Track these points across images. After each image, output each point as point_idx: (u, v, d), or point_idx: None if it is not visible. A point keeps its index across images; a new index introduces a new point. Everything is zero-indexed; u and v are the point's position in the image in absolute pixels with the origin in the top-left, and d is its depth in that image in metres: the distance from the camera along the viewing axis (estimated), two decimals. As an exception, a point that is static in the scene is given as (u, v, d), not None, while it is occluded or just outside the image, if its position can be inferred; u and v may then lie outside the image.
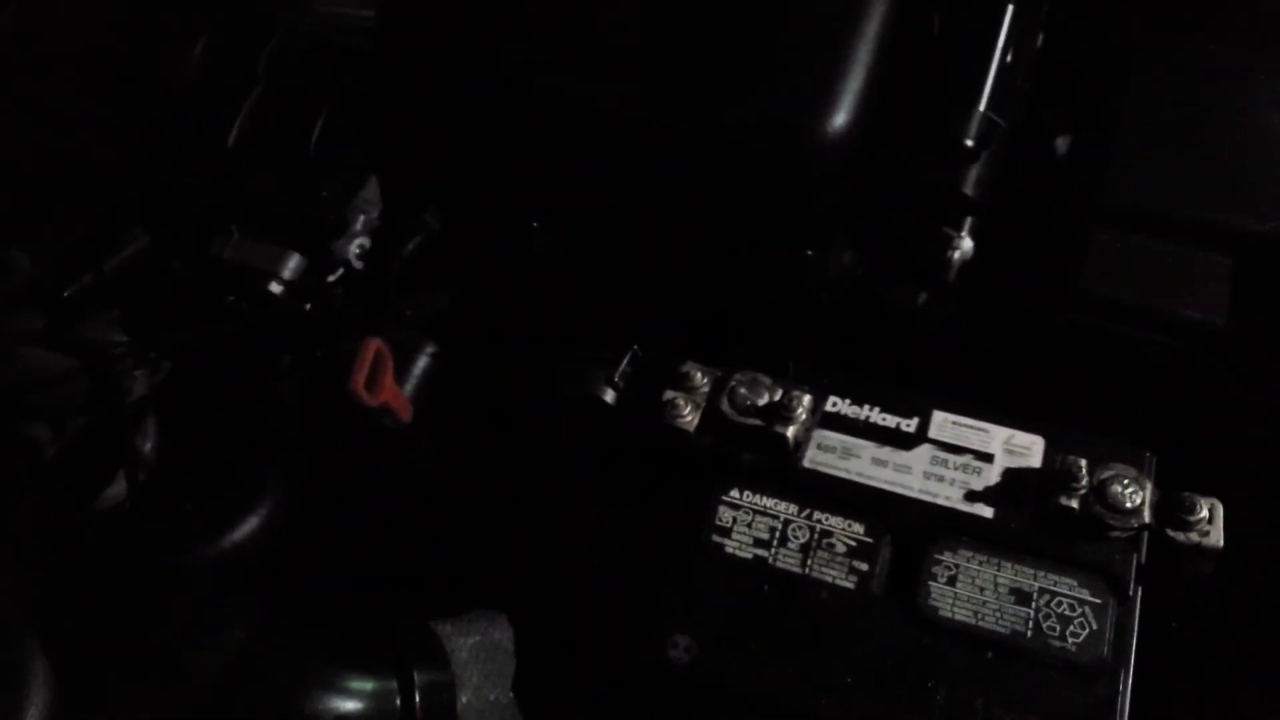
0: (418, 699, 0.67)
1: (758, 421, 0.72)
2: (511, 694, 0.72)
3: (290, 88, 0.87)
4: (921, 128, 0.73)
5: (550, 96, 0.78)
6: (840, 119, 0.72)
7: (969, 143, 0.71)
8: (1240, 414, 0.72)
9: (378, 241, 0.90)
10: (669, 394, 0.74)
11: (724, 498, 0.71)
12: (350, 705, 0.65)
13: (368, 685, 0.67)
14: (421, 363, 0.91)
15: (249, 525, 0.82)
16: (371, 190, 0.91)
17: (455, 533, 0.83)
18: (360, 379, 0.75)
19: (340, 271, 0.90)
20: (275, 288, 0.87)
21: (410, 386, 0.89)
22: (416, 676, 0.67)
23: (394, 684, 0.67)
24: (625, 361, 0.78)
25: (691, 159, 0.76)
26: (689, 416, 0.73)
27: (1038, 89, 0.84)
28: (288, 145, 0.86)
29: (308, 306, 0.88)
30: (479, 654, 0.73)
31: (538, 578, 0.78)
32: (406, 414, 0.83)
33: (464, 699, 0.69)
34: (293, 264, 0.88)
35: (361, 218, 0.91)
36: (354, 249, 0.90)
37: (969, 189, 0.71)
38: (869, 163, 0.75)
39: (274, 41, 0.87)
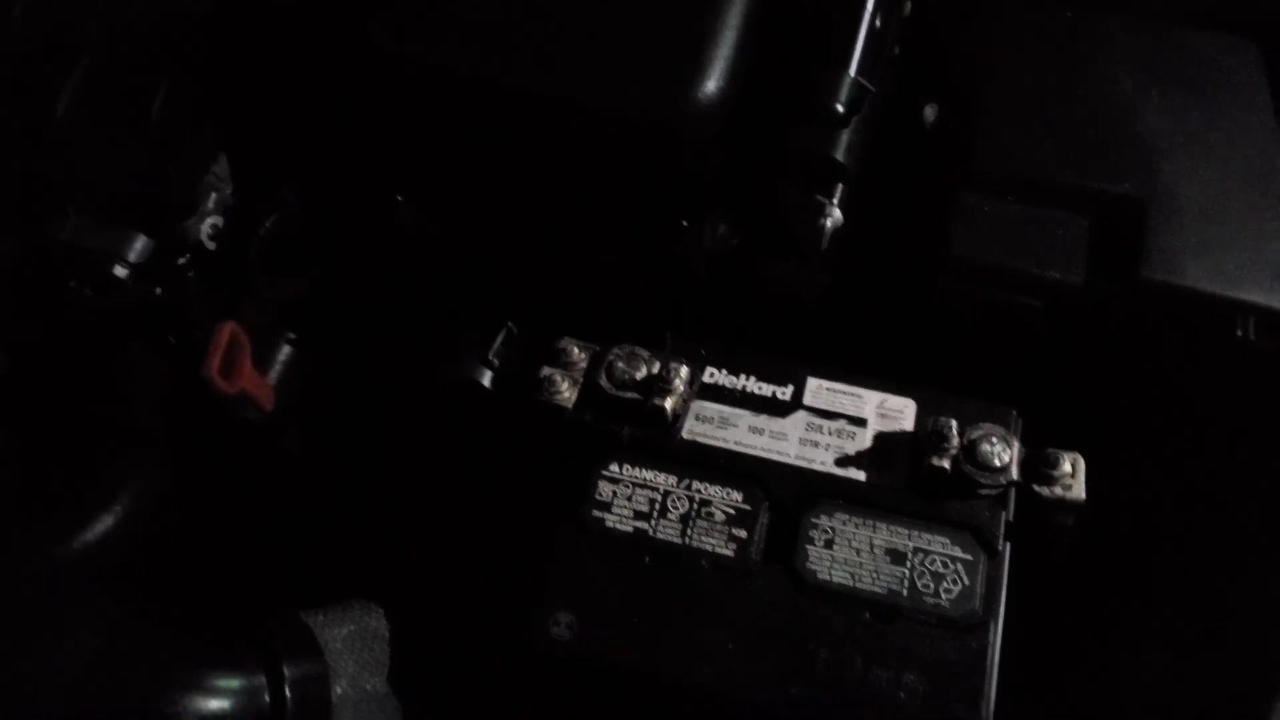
0: (288, 694, 0.66)
1: (636, 395, 0.74)
2: (389, 683, 0.73)
3: (127, 54, 0.84)
4: (792, 94, 0.75)
5: (414, 64, 0.77)
6: (711, 85, 0.74)
7: (839, 108, 0.74)
8: (1099, 370, 0.76)
9: (231, 220, 0.88)
10: (545, 370, 0.75)
11: (604, 472, 0.73)
12: (215, 704, 0.64)
13: (234, 683, 0.66)
14: (283, 348, 0.89)
15: (104, 524, 0.80)
16: (223, 165, 0.89)
17: (328, 521, 0.83)
18: (215, 365, 0.74)
19: (191, 253, 0.87)
20: (120, 271, 0.84)
21: (272, 373, 0.87)
22: (286, 670, 0.67)
23: (262, 679, 0.66)
24: (499, 340, 0.79)
25: (560, 128, 0.77)
26: (566, 393, 0.74)
27: (906, 56, 0.87)
28: (127, 117, 0.83)
29: (158, 291, 0.85)
30: (354, 643, 0.72)
31: (415, 562, 0.78)
32: (268, 402, 0.81)
33: (339, 690, 0.69)
34: (139, 246, 0.85)
35: (213, 195, 0.88)
36: (206, 229, 0.88)
37: (840, 155, 0.74)
38: (742, 130, 0.77)
39: (103, 1, 0.84)
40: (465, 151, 0.82)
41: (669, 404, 0.73)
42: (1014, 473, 0.71)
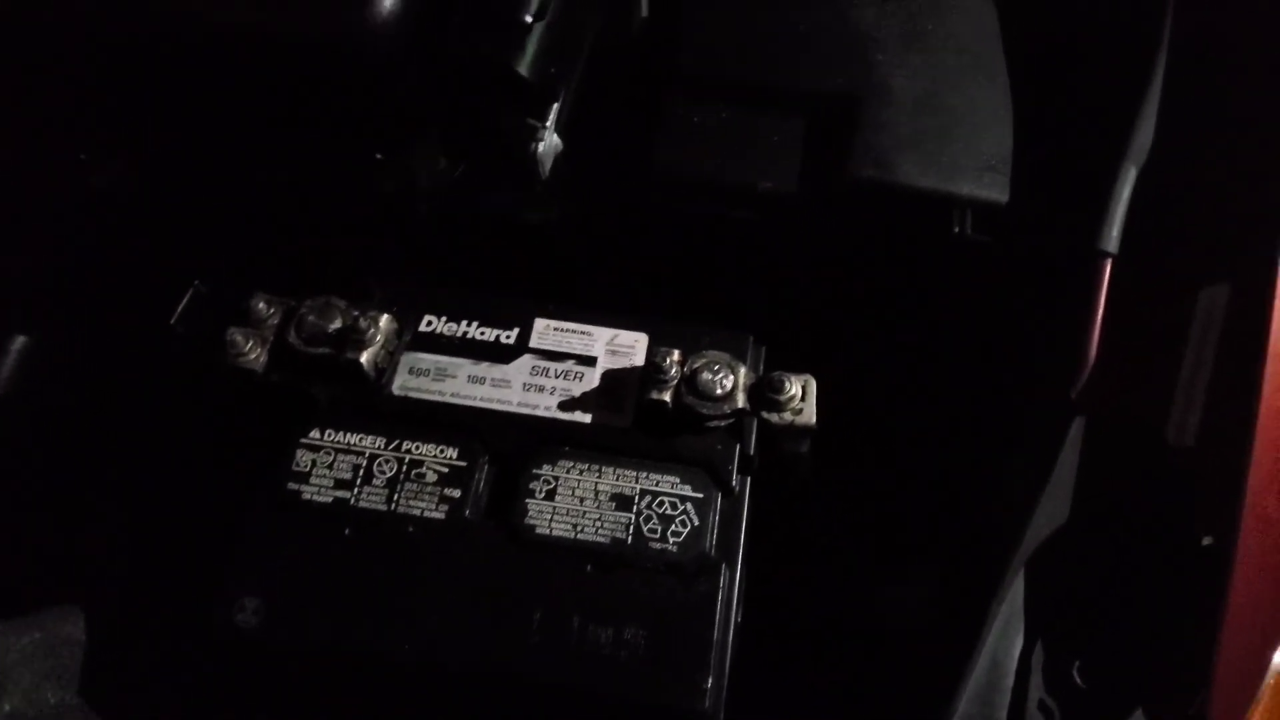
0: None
1: (328, 350, 0.68)
2: (80, 693, 0.66)
3: None
4: (475, 4, 0.69)
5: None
6: (387, 2, 0.68)
7: (527, 18, 0.68)
8: (820, 280, 0.73)
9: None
10: (230, 331, 0.69)
11: (302, 439, 0.67)
12: None
13: None
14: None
15: None
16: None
17: (21, 518, 0.76)
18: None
19: None
20: None
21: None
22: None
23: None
24: (185, 300, 0.72)
25: (234, 55, 0.70)
26: (253, 354, 0.68)
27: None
28: None
29: None
30: (36, 653, 0.66)
31: (112, 554, 0.72)
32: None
33: (7, 707, 0.63)
34: None
35: None
36: None
37: (525, 69, 0.68)
38: (435, 51, 0.71)
39: None
40: (142, 95, 0.75)
41: (365, 357, 0.68)
42: (740, 400, 0.67)
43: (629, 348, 0.72)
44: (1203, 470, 0.59)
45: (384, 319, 0.69)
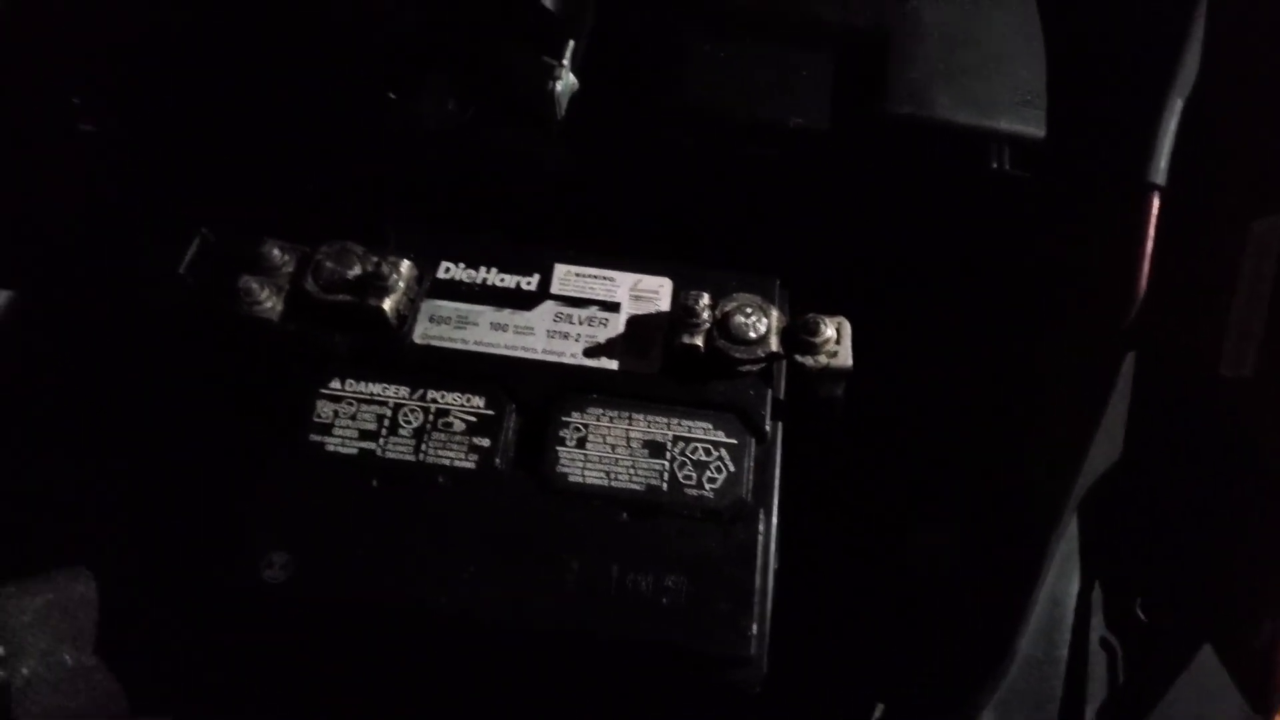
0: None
1: (348, 297, 0.67)
2: (97, 653, 0.65)
3: None
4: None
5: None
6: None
7: (546, -52, 0.67)
8: (852, 223, 0.72)
9: None
10: (243, 279, 0.67)
11: (323, 390, 0.66)
12: None
13: None
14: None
15: None
16: None
17: (21, 478, 0.73)
18: None
19: None
20: None
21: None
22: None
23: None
24: (193, 248, 0.70)
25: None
26: (269, 302, 0.67)
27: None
28: None
29: None
30: (50, 615, 0.64)
31: (127, 512, 0.70)
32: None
33: (25, 671, 0.61)
34: None
35: None
36: None
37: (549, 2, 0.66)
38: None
39: None
40: (141, 29, 0.72)
41: (388, 304, 0.66)
42: (773, 344, 0.66)
43: (653, 293, 0.71)
44: (1260, 400, 0.59)
45: (405, 264, 0.67)
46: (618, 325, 0.69)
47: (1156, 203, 0.64)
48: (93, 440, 0.72)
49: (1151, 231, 0.64)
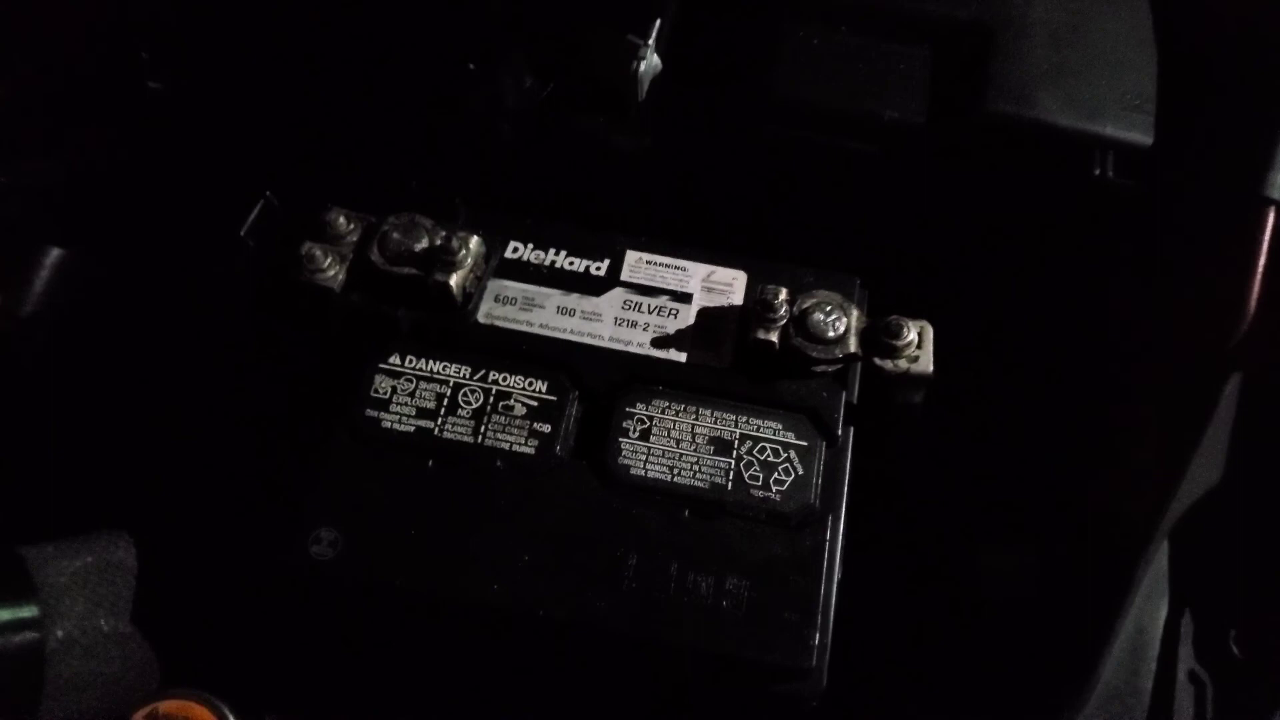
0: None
1: (414, 270, 0.65)
2: (134, 620, 0.63)
3: None
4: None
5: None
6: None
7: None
8: (941, 225, 0.69)
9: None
10: (307, 246, 0.65)
11: (381, 365, 0.64)
12: None
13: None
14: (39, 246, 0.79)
15: None
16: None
17: (68, 440, 0.72)
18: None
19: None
20: None
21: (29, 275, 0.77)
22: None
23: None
24: (256, 212, 0.68)
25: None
26: (332, 271, 0.65)
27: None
28: None
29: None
30: (87, 578, 0.63)
31: (170, 480, 0.68)
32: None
33: (60, 634, 0.60)
34: None
35: None
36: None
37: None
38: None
39: None
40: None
41: (455, 280, 0.64)
42: (852, 345, 0.64)
43: (726, 285, 0.68)
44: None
45: (474, 240, 0.66)
46: (688, 316, 0.67)
47: (1272, 218, 0.61)
48: (144, 403, 0.71)
49: (1265, 248, 0.61)
